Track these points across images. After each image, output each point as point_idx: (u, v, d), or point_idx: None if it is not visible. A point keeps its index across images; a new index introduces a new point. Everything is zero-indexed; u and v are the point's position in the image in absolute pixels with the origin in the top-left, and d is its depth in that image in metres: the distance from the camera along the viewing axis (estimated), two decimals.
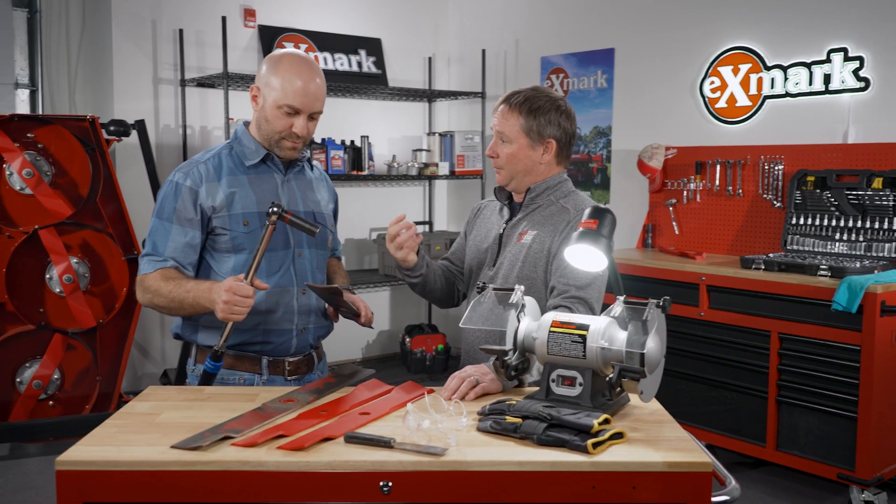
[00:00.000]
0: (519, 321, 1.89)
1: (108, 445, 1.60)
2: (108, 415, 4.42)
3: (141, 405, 1.88)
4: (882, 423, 3.49)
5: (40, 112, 4.91)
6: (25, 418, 4.14)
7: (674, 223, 4.78)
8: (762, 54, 4.42)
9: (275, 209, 2.05)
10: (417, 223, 5.94)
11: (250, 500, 1.53)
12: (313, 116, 2.21)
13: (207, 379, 2.11)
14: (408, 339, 5.67)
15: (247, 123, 2.30)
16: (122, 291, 4.29)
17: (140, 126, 4.49)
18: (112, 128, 4.38)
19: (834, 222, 4.02)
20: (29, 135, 4.10)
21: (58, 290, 4.16)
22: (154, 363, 5.11)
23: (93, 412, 4.28)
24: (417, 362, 5.60)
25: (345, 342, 5.67)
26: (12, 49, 4.91)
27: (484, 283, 1.98)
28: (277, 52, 2.26)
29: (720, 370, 4.00)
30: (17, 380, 4.16)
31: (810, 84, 4.22)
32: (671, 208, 4.79)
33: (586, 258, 1.90)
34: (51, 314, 4.18)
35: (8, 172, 4.06)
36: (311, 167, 2.41)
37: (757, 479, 3.92)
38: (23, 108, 4.95)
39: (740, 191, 4.48)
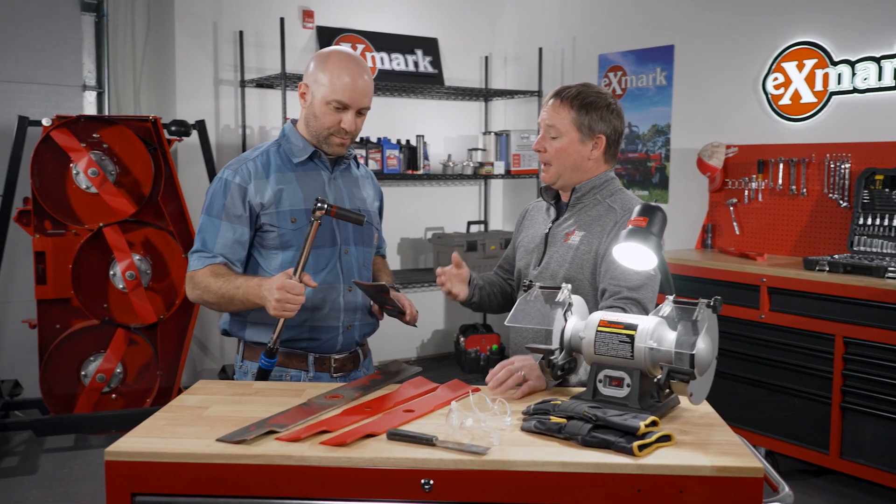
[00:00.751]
0: (566, 320, 1.87)
1: (156, 437, 1.63)
2: None
3: (191, 398, 1.91)
4: None
5: (106, 113, 5.05)
6: (89, 410, 4.27)
7: (734, 223, 4.67)
8: (828, 49, 4.28)
9: (320, 205, 2.06)
10: (472, 222, 5.93)
11: (292, 495, 1.54)
12: (361, 112, 2.22)
13: (263, 375, 2.14)
14: (462, 339, 5.66)
15: (294, 121, 2.32)
16: (182, 288, 4.38)
17: (200, 126, 4.58)
18: (173, 128, 4.48)
19: None
20: (94, 135, 4.22)
21: (121, 286, 4.27)
22: (213, 359, 5.21)
23: (153, 406, 4.38)
24: (472, 362, 5.58)
25: (399, 341, 5.70)
26: (80, 52, 5.07)
27: (530, 281, 1.96)
28: (325, 49, 2.29)
29: (782, 374, 3.88)
30: (82, 373, 4.28)
31: (880, 79, 4.07)
32: (732, 208, 4.68)
33: (636, 257, 1.86)
34: (114, 309, 4.29)
35: (74, 172, 4.18)
36: (357, 165, 2.42)
37: (819, 487, 3.79)
38: (90, 109, 5.09)
39: (804, 190, 4.35)
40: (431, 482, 1.53)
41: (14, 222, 4.20)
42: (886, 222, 3.92)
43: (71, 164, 4.17)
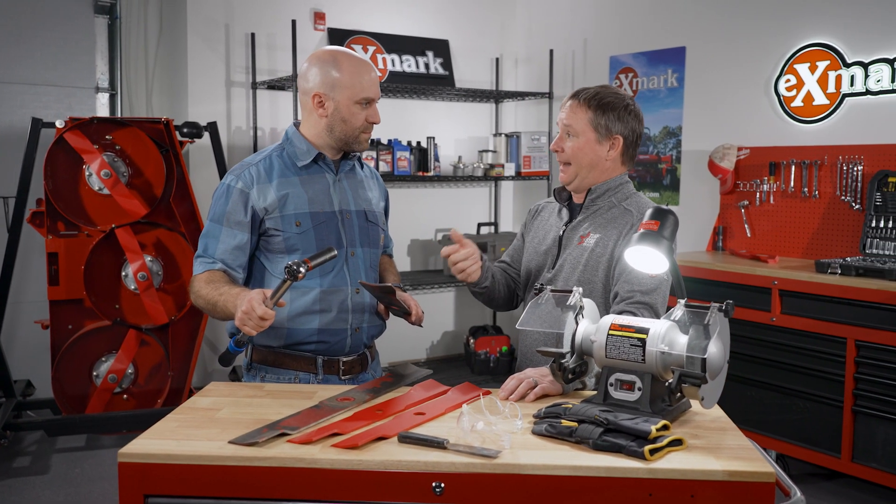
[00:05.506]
0: (577, 323, 1.86)
1: (168, 439, 1.64)
2: None
3: (202, 400, 1.92)
4: None
5: (119, 115, 5.08)
6: (101, 411, 4.29)
7: (746, 226, 4.65)
8: (841, 51, 4.26)
9: (295, 269, 1.94)
10: (483, 224, 5.93)
11: (304, 497, 1.54)
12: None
13: (226, 359, 2.12)
14: (472, 341, 5.66)
15: (297, 124, 2.32)
16: None
17: (212, 128, 4.60)
18: (185, 130, 4.50)
19: None
20: (107, 137, 4.24)
21: (132, 287, 4.29)
22: None
23: (164, 406, 4.41)
24: (481, 364, 5.58)
25: (408, 343, 5.70)
26: (94, 55, 5.10)
27: (542, 284, 1.96)
28: (322, 54, 2.26)
29: (793, 378, 3.87)
30: (94, 373, 4.30)
31: (893, 81, 4.04)
32: (743, 210, 4.66)
33: (647, 260, 1.85)
34: (126, 310, 4.31)
35: (87, 173, 4.20)
36: (362, 165, 2.43)
37: (831, 491, 3.78)
38: (103, 111, 5.12)
39: (816, 192, 4.33)
40: (442, 485, 1.53)
41: (27, 223, 4.23)
42: None
43: (84, 166, 4.20)
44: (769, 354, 3.95)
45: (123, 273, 4.30)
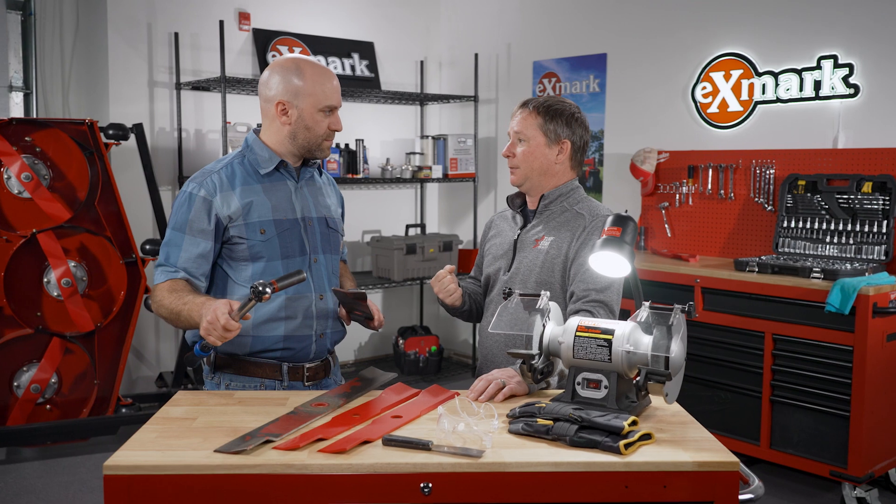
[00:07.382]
0: (544, 326, 1.95)
1: (151, 450, 1.63)
2: (107, 419, 4.36)
3: (175, 410, 1.91)
4: (873, 421, 3.59)
5: (34, 115, 4.89)
6: (23, 422, 4.13)
7: (666, 226, 4.86)
8: (753, 60, 4.51)
9: (260, 289, 1.93)
10: (410, 226, 5.98)
11: (295, 503, 1.57)
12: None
13: (190, 361, 2.12)
14: (401, 341, 5.71)
15: (257, 132, 2.33)
16: (120, 295, 4.29)
17: (138, 130, 4.48)
18: (111, 132, 4.37)
19: (825, 225, 4.12)
20: (27, 138, 4.09)
21: (56, 293, 4.16)
22: (149, 366, 5.11)
23: (90, 416, 4.28)
24: (411, 364, 5.63)
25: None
26: (6, 52, 4.89)
27: (510, 288, 2.03)
28: (286, 61, 2.27)
29: (715, 371, 4.08)
30: (15, 384, 4.14)
31: (801, 90, 4.32)
32: (663, 211, 4.87)
33: (610, 265, 1.95)
34: (49, 318, 4.17)
35: (6, 176, 4.05)
36: (321, 172, 2.45)
37: None
38: (17, 111, 4.92)
39: (732, 194, 4.57)
40: (430, 485, 1.58)
41: None
42: (808, 225, 4.17)
43: (2, 169, 4.04)
44: (692, 349, 4.11)
45: (45, 279, 4.15)
